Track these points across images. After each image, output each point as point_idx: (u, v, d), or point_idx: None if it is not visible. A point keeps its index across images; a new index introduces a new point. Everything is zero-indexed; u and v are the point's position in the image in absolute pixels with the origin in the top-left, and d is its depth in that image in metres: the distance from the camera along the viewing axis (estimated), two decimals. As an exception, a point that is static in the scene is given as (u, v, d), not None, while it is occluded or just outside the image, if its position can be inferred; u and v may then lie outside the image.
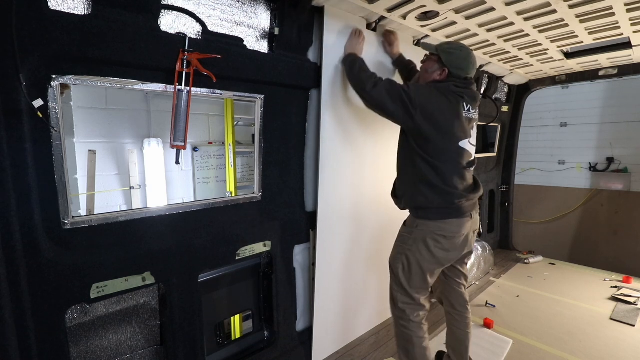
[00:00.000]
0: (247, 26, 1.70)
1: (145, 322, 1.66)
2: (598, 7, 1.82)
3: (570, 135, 4.91)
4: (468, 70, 1.66)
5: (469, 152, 1.68)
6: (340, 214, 2.18)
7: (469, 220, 1.69)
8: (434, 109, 1.57)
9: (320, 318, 2.14)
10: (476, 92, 1.72)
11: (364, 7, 1.82)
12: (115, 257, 1.42)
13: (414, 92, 1.57)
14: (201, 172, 4.67)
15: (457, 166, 1.64)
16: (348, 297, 2.32)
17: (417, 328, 1.72)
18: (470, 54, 1.67)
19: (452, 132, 1.60)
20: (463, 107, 1.63)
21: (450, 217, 1.64)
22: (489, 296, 3.05)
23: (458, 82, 1.65)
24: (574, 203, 4.86)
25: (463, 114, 1.63)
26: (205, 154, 4.69)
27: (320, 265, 2.08)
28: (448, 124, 1.59)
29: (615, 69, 3.16)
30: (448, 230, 1.64)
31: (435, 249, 1.64)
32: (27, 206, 1.20)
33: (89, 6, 1.22)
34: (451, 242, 1.65)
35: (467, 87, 1.68)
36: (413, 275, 1.69)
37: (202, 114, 4.69)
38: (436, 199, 1.62)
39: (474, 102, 1.70)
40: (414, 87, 1.60)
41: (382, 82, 1.63)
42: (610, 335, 2.42)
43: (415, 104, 1.55)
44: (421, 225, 1.67)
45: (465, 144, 1.65)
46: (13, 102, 1.13)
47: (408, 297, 1.72)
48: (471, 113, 1.68)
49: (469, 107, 1.66)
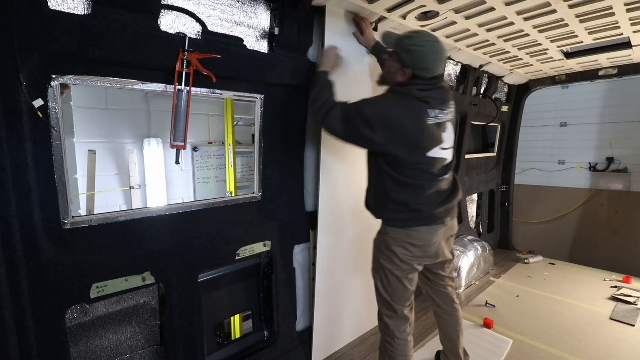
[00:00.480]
0: (247, 26, 1.70)
1: (145, 322, 1.66)
2: (598, 7, 1.82)
3: (570, 135, 4.91)
4: (435, 69, 1.46)
5: (442, 159, 1.54)
6: (341, 214, 2.17)
7: (442, 228, 1.60)
8: (395, 126, 1.42)
9: (320, 318, 2.14)
10: (446, 90, 1.54)
11: (364, 7, 1.82)
12: (115, 257, 1.42)
13: (370, 112, 1.42)
14: (201, 172, 4.67)
15: (428, 178, 1.52)
16: (348, 297, 2.32)
17: (402, 346, 1.66)
18: (436, 50, 1.45)
19: (419, 145, 1.46)
20: (428, 114, 1.45)
21: (420, 225, 1.55)
22: (489, 296, 3.05)
23: (422, 85, 1.46)
24: (574, 203, 4.86)
25: (429, 121, 1.45)
26: (205, 154, 4.69)
27: (320, 265, 2.08)
28: (412, 138, 1.44)
29: (615, 69, 3.16)
30: (418, 238, 1.55)
31: (406, 257, 1.57)
32: (27, 206, 1.20)
33: (89, 6, 1.22)
34: (422, 250, 1.58)
35: (434, 87, 1.47)
36: (392, 285, 1.63)
37: (202, 114, 4.69)
38: (405, 212, 1.54)
39: (444, 104, 1.51)
40: (369, 106, 1.45)
41: (335, 111, 1.48)
42: (610, 335, 2.42)
43: (374, 126, 1.41)
44: (391, 233, 1.59)
45: (436, 152, 1.50)
46: (13, 102, 1.13)
47: (390, 309, 1.66)
48: (441, 117, 1.50)
49: (438, 111, 1.48)
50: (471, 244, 3.37)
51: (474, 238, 3.58)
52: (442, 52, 1.47)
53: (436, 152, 1.50)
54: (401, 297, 1.64)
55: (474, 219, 4.20)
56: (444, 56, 1.49)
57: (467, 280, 3.22)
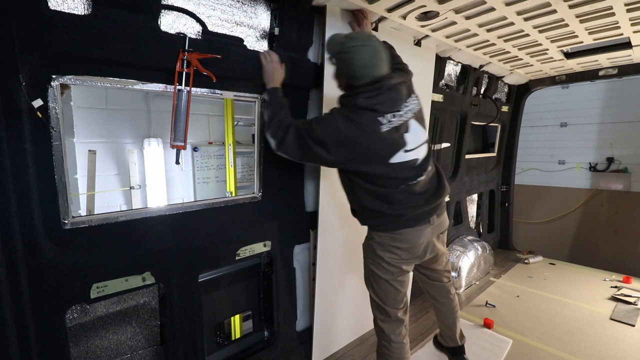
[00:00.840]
0: (247, 26, 1.70)
1: (145, 322, 1.66)
2: (598, 7, 1.82)
3: (570, 135, 4.91)
4: (368, 74, 1.37)
5: (410, 161, 1.46)
6: (341, 214, 2.17)
7: (428, 227, 1.55)
8: (347, 143, 1.36)
9: (320, 318, 2.14)
10: (397, 88, 1.42)
11: (364, 7, 1.82)
12: (115, 257, 1.42)
13: (322, 133, 1.36)
14: (201, 172, 4.67)
15: (399, 183, 1.46)
16: (348, 297, 2.32)
17: (399, 349, 1.64)
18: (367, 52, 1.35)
19: (377, 156, 1.40)
20: (380, 122, 1.37)
21: (404, 227, 1.51)
22: (489, 296, 3.05)
23: (367, 92, 1.37)
24: (574, 203, 4.86)
25: (383, 129, 1.37)
26: (205, 154, 4.68)
27: (320, 265, 2.08)
28: (368, 151, 1.38)
29: (615, 69, 3.16)
30: (403, 240, 1.52)
31: (393, 260, 1.54)
32: (27, 206, 1.20)
33: (89, 6, 1.22)
34: (409, 252, 1.55)
35: (381, 92, 1.38)
36: (382, 289, 1.61)
37: (202, 114, 4.68)
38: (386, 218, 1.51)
39: (397, 105, 1.41)
40: (320, 127, 1.38)
41: (289, 135, 1.41)
42: (610, 335, 2.42)
43: (328, 147, 1.36)
44: (377, 237, 1.57)
45: (400, 156, 1.42)
46: (13, 102, 1.13)
47: (384, 313, 1.64)
48: (396, 120, 1.40)
49: (390, 116, 1.39)
50: (471, 244, 3.37)
51: (474, 238, 3.58)
52: (372, 54, 1.37)
53: (400, 157, 1.43)
54: (393, 300, 1.62)
55: (474, 219, 4.20)
56: (377, 57, 1.38)
57: (467, 280, 3.22)
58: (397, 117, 1.40)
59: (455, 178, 3.45)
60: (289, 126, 1.44)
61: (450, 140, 3.33)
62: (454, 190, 3.43)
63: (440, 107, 2.94)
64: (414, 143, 1.47)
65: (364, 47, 1.36)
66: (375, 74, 1.38)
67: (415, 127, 1.48)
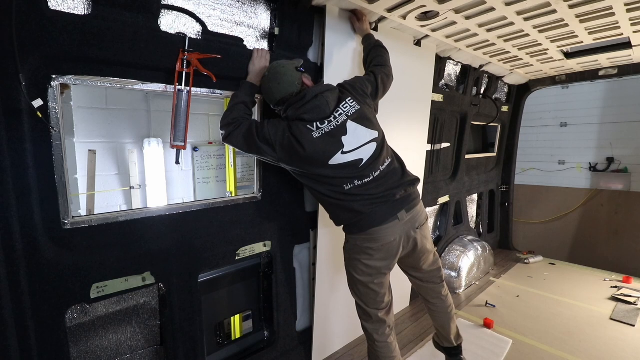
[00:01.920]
0: (247, 26, 1.70)
1: (145, 322, 1.66)
2: (598, 7, 1.82)
3: (570, 135, 4.91)
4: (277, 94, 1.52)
5: (354, 161, 1.49)
6: (340, 214, 2.17)
7: (397, 223, 1.52)
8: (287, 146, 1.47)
9: (320, 318, 2.14)
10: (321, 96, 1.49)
11: (364, 7, 1.82)
12: (115, 257, 1.42)
13: (270, 132, 1.48)
14: (201, 172, 4.67)
15: (343, 182, 1.50)
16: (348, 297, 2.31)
17: (384, 348, 1.66)
18: (266, 80, 1.55)
19: (314, 159, 1.47)
20: (310, 129, 1.46)
21: (372, 227, 1.50)
22: (489, 296, 3.05)
23: (294, 104, 1.50)
24: (574, 203, 4.86)
25: (314, 135, 1.46)
26: (205, 154, 4.69)
27: (320, 265, 2.08)
28: (305, 155, 1.46)
29: (615, 69, 3.16)
30: (373, 240, 1.52)
31: (368, 261, 1.55)
32: (27, 206, 1.20)
33: (89, 6, 1.22)
34: (381, 252, 1.54)
35: (304, 102, 1.48)
36: (361, 291, 1.63)
37: (202, 114, 4.68)
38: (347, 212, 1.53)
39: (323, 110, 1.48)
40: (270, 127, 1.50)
41: (238, 130, 1.51)
42: (610, 335, 2.42)
43: (274, 144, 1.48)
44: (350, 240, 1.60)
45: (339, 158, 1.47)
46: (13, 102, 1.13)
47: (366, 314, 1.67)
48: (328, 124, 1.48)
49: (318, 123, 1.47)
50: (471, 244, 3.37)
51: (474, 238, 3.59)
52: (272, 78, 1.53)
53: (339, 159, 1.47)
54: (373, 302, 1.64)
55: (474, 219, 4.20)
56: (277, 78, 1.51)
57: (467, 280, 3.22)
58: (327, 123, 1.49)
59: (455, 178, 3.44)
60: (241, 124, 1.53)
61: (450, 140, 3.33)
62: (453, 190, 3.43)
63: (440, 107, 2.94)
64: (354, 144, 1.50)
65: (264, 77, 1.58)
66: (277, 96, 1.53)
67: (355, 129, 1.51)
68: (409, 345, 2.36)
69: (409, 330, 2.54)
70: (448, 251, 3.28)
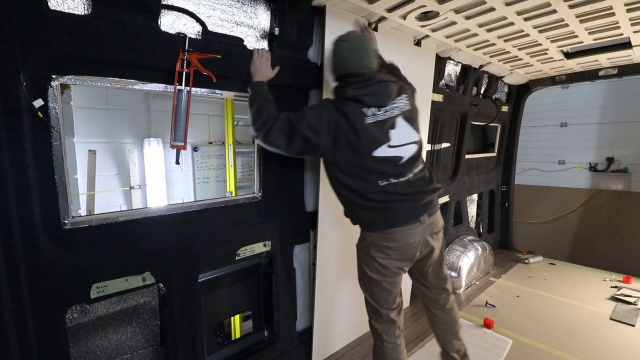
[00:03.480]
0: (247, 26, 1.70)
1: (145, 322, 1.66)
2: (598, 7, 1.82)
3: (570, 135, 4.91)
4: (350, 66, 1.45)
5: (395, 157, 1.47)
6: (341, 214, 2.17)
7: (419, 226, 1.52)
8: (334, 128, 1.42)
9: (320, 318, 2.14)
10: (385, 85, 1.47)
11: (364, 7, 1.82)
12: (115, 257, 1.42)
13: (313, 117, 1.42)
14: (201, 172, 4.67)
15: (380, 178, 1.46)
16: (348, 297, 2.32)
17: (391, 349, 1.63)
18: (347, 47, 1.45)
19: (360, 146, 1.42)
20: (364, 114, 1.42)
21: (392, 227, 1.49)
22: (489, 296, 3.05)
23: (356, 83, 1.45)
24: (574, 203, 4.86)
25: (367, 120, 1.42)
26: (205, 154, 4.69)
27: (320, 265, 2.08)
28: (352, 139, 1.42)
29: (615, 69, 3.16)
30: (394, 240, 1.50)
31: (384, 260, 1.52)
32: (27, 206, 1.20)
33: (89, 6, 1.22)
34: (400, 252, 1.52)
35: (370, 84, 1.45)
36: (374, 290, 1.60)
37: (202, 114, 4.69)
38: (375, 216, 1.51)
39: (385, 100, 1.46)
40: (310, 112, 1.45)
41: (276, 125, 1.43)
42: (610, 335, 2.42)
43: (319, 130, 1.41)
44: (368, 237, 1.56)
45: (384, 150, 1.44)
46: (13, 102, 1.13)
47: (376, 313, 1.64)
48: (381, 114, 1.45)
49: (375, 109, 1.44)
50: (471, 244, 3.37)
51: (474, 238, 3.59)
52: (350, 50, 1.46)
53: (383, 151, 1.45)
54: (385, 301, 1.61)
55: (474, 219, 4.20)
56: (354, 54, 1.46)
57: (467, 280, 3.22)
58: (382, 112, 1.45)
59: (455, 178, 3.45)
60: (276, 118, 1.46)
61: (450, 140, 3.33)
62: (454, 190, 3.43)
63: (440, 107, 2.94)
64: (399, 141, 1.48)
65: (345, 42, 1.48)
66: (355, 68, 1.46)
67: (403, 126, 1.50)
68: (408, 345, 2.35)
69: (409, 330, 2.54)
70: (448, 251, 3.28)
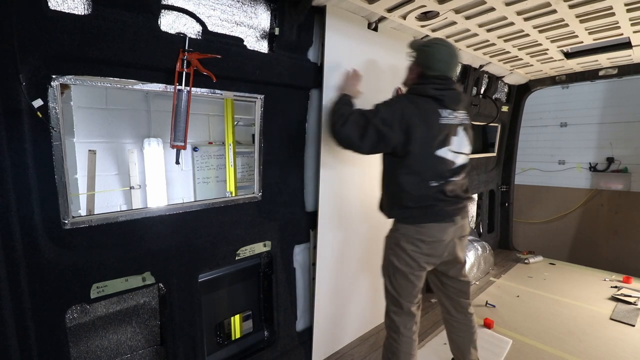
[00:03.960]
0: (247, 26, 1.70)
1: (145, 322, 1.66)
2: (598, 7, 1.82)
3: (570, 135, 4.91)
4: (443, 69, 1.56)
5: (450, 161, 1.58)
6: (341, 214, 2.17)
7: (452, 226, 1.61)
8: (409, 122, 1.49)
9: (320, 318, 2.14)
10: (459, 93, 1.61)
11: (364, 7, 1.82)
12: (115, 257, 1.42)
13: (387, 111, 1.51)
14: (201, 172, 4.67)
15: (437, 176, 1.56)
16: (348, 297, 2.32)
17: (406, 343, 1.66)
18: (445, 52, 1.56)
19: (428, 142, 1.52)
20: (440, 114, 1.53)
21: (428, 222, 1.57)
22: (489, 296, 3.05)
23: (437, 84, 1.55)
24: (574, 203, 4.86)
25: (441, 121, 1.53)
26: (205, 154, 4.68)
27: (320, 265, 2.08)
28: (423, 135, 1.50)
29: (615, 69, 3.16)
30: (426, 234, 1.57)
31: (414, 252, 1.58)
32: (27, 206, 1.20)
33: (89, 6, 1.22)
34: (431, 247, 1.59)
35: (448, 87, 1.56)
36: (399, 282, 1.64)
37: (202, 114, 4.68)
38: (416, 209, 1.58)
39: (457, 104, 1.59)
40: (384, 106, 1.54)
41: (350, 119, 1.53)
42: (610, 335, 2.42)
43: (392, 124, 1.49)
44: (401, 229, 1.63)
45: (444, 152, 1.55)
46: (13, 102, 1.13)
47: (397, 305, 1.67)
48: (452, 118, 1.57)
49: (449, 111, 1.56)
50: (471, 244, 3.37)
51: (474, 238, 3.58)
52: (453, 56, 1.58)
53: (444, 152, 1.56)
54: (408, 294, 1.65)
55: (474, 219, 4.20)
56: (454, 60, 1.59)
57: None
58: (452, 116, 1.58)
59: (455, 178, 3.44)
60: (352, 113, 1.58)
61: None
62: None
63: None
64: (457, 147, 1.62)
65: (444, 47, 1.58)
66: (446, 71, 1.58)
67: (462, 136, 1.65)
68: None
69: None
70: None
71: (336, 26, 1.89)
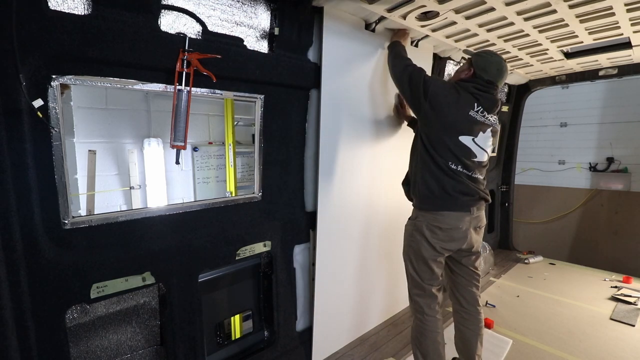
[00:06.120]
0: (247, 26, 1.70)
1: (145, 322, 1.66)
2: (598, 7, 1.82)
3: (570, 135, 4.91)
4: (492, 74, 1.72)
5: (472, 152, 1.71)
6: (340, 214, 2.17)
7: (468, 215, 1.72)
8: (442, 101, 1.67)
9: (320, 318, 2.14)
10: (497, 100, 1.75)
11: (364, 7, 1.81)
12: (115, 257, 1.42)
13: (432, 83, 1.71)
14: (201, 172, 4.67)
15: (457, 164, 1.69)
16: (348, 297, 2.32)
17: (431, 322, 1.77)
18: (498, 62, 1.74)
19: (453, 126, 1.67)
20: (473, 107, 1.68)
21: (445, 210, 1.71)
22: (489, 296, 3.05)
23: (479, 84, 1.71)
24: (574, 203, 4.86)
25: (471, 113, 1.67)
26: (205, 154, 4.69)
27: (320, 265, 2.08)
28: (451, 117, 1.66)
29: (615, 69, 3.16)
30: (443, 222, 1.70)
31: (432, 239, 1.71)
32: (27, 206, 1.20)
33: (89, 6, 1.22)
34: (447, 234, 1.71)
35: (488, 90, 1.72)
36: (420, 265, 1.77)
37: (202, 114, 4.68)
38: (435, 187, 1.71)
39: (491, 107, 1.73)
40: (434, 80, 1.75)
41: (411, 69, 1.79)
42: (610, 335, 2.42)
43: (427, 93, 1.69)
44: (420, 217, 1.77)
45: (468, 140, 1.68)
46: (13, 102, 1.13)
47: (419, 288, 1.79)
48: (483, 116, 1.70)
49: (483, 110, 1.70)
50: (471, 244, 3.37)
51: (474, 238, 3.58)
52: (503, 66, 1.74)
53: (468, 141, 1.69)
54: (430, 277, 1.77)
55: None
56: (503, 70, 1.75)
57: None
58: (482, 116, 1.71)
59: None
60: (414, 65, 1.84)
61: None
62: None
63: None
64: (481, 143, 1.73)
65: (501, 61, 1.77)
66: (495, 79, 1.73)
67: (488, 136, 1.76)
68: (409, 345, 2.35)
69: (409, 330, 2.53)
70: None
71: (334, 27, 1.89)
